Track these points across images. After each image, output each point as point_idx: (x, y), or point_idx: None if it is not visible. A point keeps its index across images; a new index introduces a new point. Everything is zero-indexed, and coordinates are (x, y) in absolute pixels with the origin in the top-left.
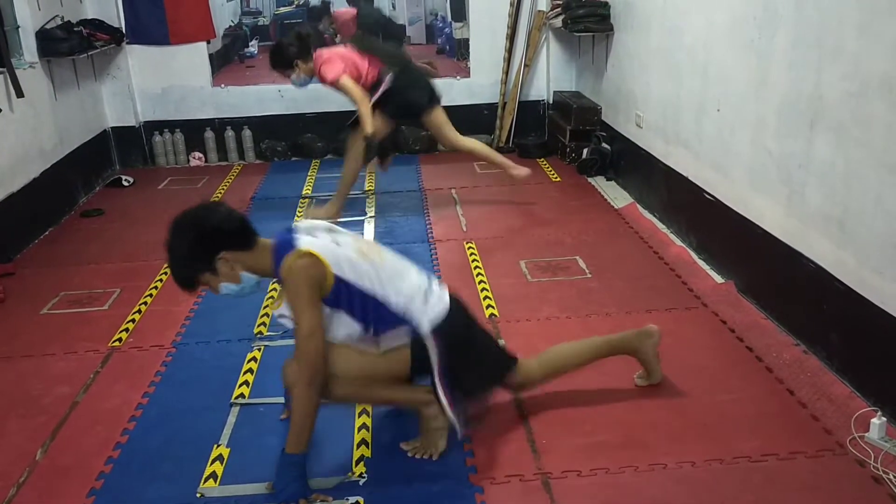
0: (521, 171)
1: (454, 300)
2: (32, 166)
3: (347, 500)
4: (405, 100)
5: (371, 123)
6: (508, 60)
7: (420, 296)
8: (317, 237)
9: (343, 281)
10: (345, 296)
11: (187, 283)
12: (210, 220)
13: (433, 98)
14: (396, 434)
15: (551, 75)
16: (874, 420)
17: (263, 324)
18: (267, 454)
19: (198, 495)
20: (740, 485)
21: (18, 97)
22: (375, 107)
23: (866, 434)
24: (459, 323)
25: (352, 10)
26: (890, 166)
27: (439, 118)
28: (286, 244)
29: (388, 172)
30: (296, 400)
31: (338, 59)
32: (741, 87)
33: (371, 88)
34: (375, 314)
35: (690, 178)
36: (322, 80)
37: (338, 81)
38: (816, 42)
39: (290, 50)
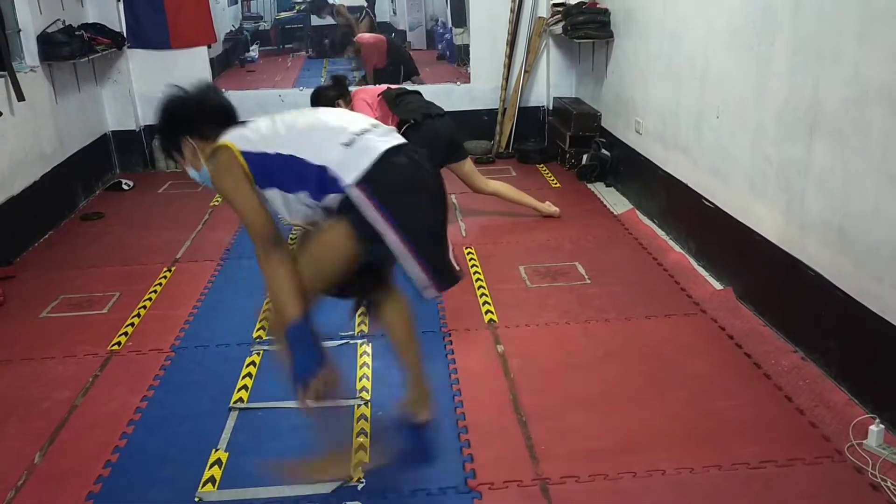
0: (552, 209)
1: (400, 152)
2: (33, 169)
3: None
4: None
5: None
6: (509, 66)
7: (340, 147)
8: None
9: (254, 154)
10: (266, 169)
11: (165, 152)
12: (187, 102)
13: (450, 157)
14: (394, 439)
15: (551, 81)
16: (872, 427)
17: (263, 328)
18: (265, 456)
19: (196, 500)
20: (739, 491)
21: (19, 101)
22: None
23: (864, 441)
24: (396, 172)
25: (379, 38)
26: (889, 174)
27: (465, 168)
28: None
29: None
30: (265, 278)
31: (366, 106)
32: (741, 93)
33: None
34: (303, 177)
35: (689, 184)
36: None
37: None
38: (816, 49)
39: (329, 93)
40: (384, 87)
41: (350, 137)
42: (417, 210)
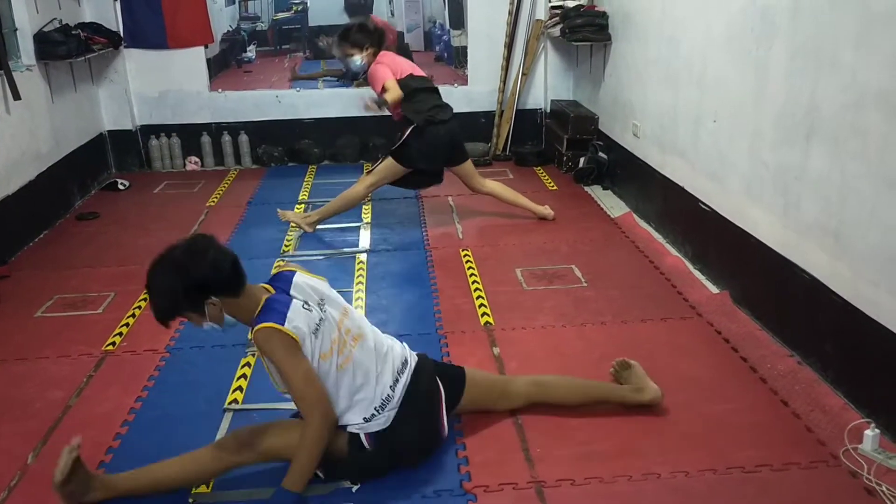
0: (547, 211)
1: (408, 405)
2: (28, 169)
3: None
4: (415, 159)
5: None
6: (506, 69)
7: (368, 409)
8: (309, 311)
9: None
10: None
11: (166, 319)
12: (200, 269)
13: (451, 162)
14: None
15: (549, 84)
16: (867, 432)
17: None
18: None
19: (190, 501)
20: (734, 495)
21: (15, 99)
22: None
23: (860, 445)
24: (396, 434)
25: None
26: (886, 178)
27: (465, 169)
28: (272, 309)
29: (386, 186)
30: (307, 440)
31: (389, 73)
32: (738, 97)
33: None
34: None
35: (686, 188)
36: (371, 79)
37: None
38: (814, 53)
39: (373, 35)
40: (408, 67)
41: (381, 401)
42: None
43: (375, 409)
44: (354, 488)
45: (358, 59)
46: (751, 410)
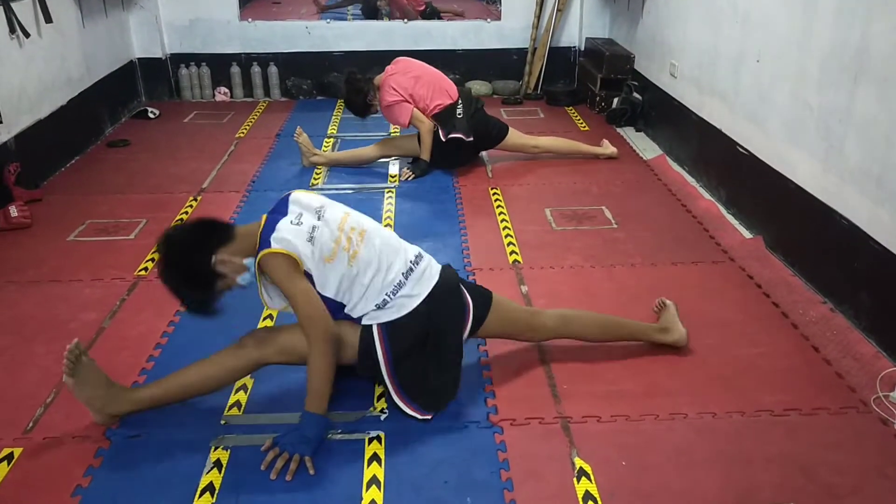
0: (610, 149)
1: (426, 303)
2: (60, 94)
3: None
4: (437, 162)
5: (428, 152)
6: (541, 4)
7: (379, 296)
8: (299, 224)
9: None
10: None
11: (209, 306)
12: (182, 244)
13: (486, 146)
14: None
15: (584, 21)
16: None
17: None
18: (289, 386)
19: (222, 422)
20: (761, 437)
21: (47, 22)
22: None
23: (891, 393)
24: (416, 330)
25: None
26: None
27: (510, 142)
28: (266, 236)
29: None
30: (312, 361)
31: (396, 95)
32: (783, 36)
33: (437, 117)
34: (333, 307)
35: (724, 130)
36: (391, 115)
37: (410, 119)
38: None
39: (359, 98)
40: (426, 83)
41: (393, 288)
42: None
43: (387, 294)
44: (383, 417)
45: (377, 104)
46: (781, 355)
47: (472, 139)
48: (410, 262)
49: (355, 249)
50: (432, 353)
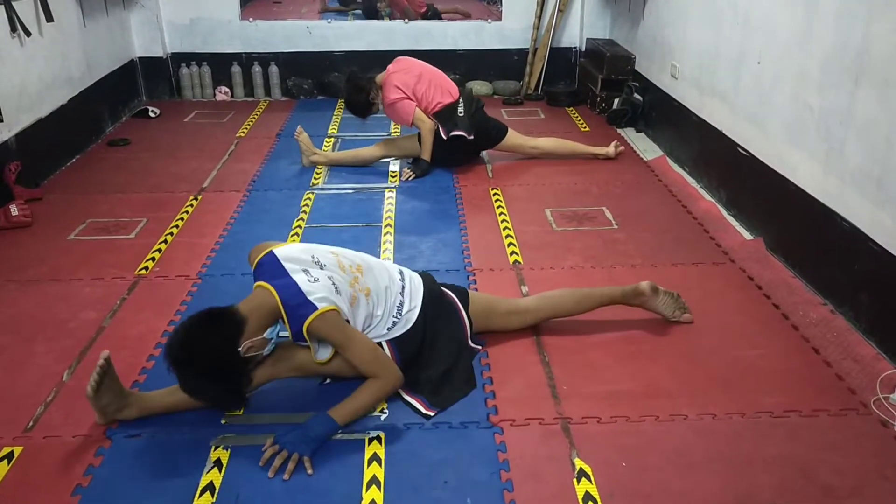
0: (608, 150)
1: (423, 311)
2: (61, 92)
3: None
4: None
5: (429, 152)
6: (542, 5)
7: (389, 320)
8: (315, 278)
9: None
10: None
11: (244, 393)
12: (205, 348)
13: (487, 145)
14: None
15: (585, 22)
16: None
17: None
18: (289, 386)
19: (222, 422)
20: (761, 439)
21: (48, 21)
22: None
23: (891, 395)
24: (420, 338)
25: None
26: None
27: (509, 143)
28: (299, 302)
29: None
30: (371, 387)
31: (398, 92)
32: (784, 38)
33: (438, 115)
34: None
35: (725, 131)
36: (394, 114)
37: (412, 118)
38: None
39: (361, 97)
40: (428, 83)
41: (393, 315)
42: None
43: (395, 316)
44: (383, 417)
45: (378, 104)
46: (781, 357)
47: (472, 137)
48: (399, 279)
49: (366, 286)
50: (436, 355)
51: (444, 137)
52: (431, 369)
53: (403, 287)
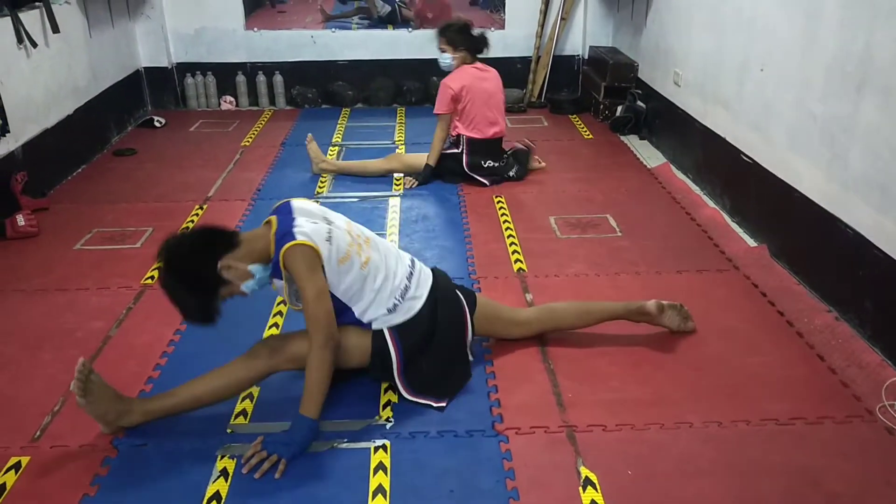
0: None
1: (428, 303)
2: (66, 103)
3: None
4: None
5: (436, 157)
6: (545, 13)
7: (389, 300)
8: (315, 223)
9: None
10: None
11: (210, 314)
12: (187, 250)
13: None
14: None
15: (588, 30)
16: None
17: None
18: (294, 395)
19: (228, 431)
20: (767, 446)
21: (54, 32)
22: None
23: None
24: (423, 329)
25: None
26: None
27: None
28: (285, 232)
29: (419, 131)
30: (311, 364)
31: (449, 92)
32: (787, 45)
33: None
34: (346, 313)
35: (728, 138)
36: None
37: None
38: (870, 1)
39: (470, 40)
40: (483, 96)
41: (400, 293)
42: (424, 365)
43: (396, 298)
44: (389, 425)
45: (448, 58)
46: (786, 364)
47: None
48: (409, 266)
49: (367, 255)
50: (438, 350)
51: (465, 168)
52: (433, 369)
53: (412, 273)
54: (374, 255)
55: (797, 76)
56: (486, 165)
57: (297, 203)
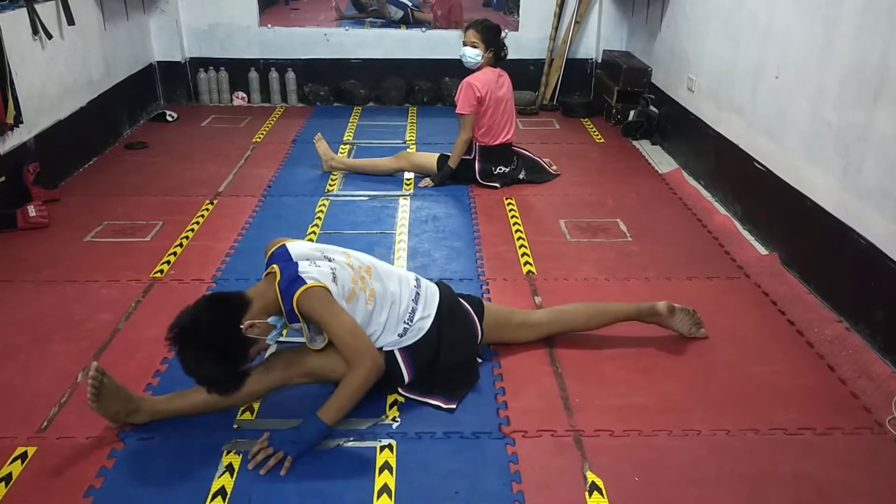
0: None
1: (437, 320)
2: (80, 95)
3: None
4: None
5: (457, 160)
6: (559, 16)
7: (398, 326)
8: (317, 265)
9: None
10: None
11: (240, 378)
12: (207, 324)
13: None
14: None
15: (602, 34)
16: None
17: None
18: (301, 392)
19: (235, 426)
20: (775, 456)
21: (69, 25)
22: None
23: None
24: (434, 345)
25: None
26: None
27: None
28: (292, 279)
29: (430, 131)
30: (351, 380)
31: (473, 93)
32: (803, 53)
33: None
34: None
35: (741, 145)
36: (461, 91)
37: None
38: (887, 10)
39: (498, 42)
40: (496, 101)
41: (406, 318)
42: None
43: (405, 322)
44: (395, 425)
45: (477, 55)
46: (796, 373)
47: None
48: (414, 286)
49: (371, 287)
50: (449, 362)
51: (478, 176)
52: (444, 377)
53: (418, 294)
54: (377, 286)
55: (812, 84)
56: (496, 172)
57: (293, 247)
